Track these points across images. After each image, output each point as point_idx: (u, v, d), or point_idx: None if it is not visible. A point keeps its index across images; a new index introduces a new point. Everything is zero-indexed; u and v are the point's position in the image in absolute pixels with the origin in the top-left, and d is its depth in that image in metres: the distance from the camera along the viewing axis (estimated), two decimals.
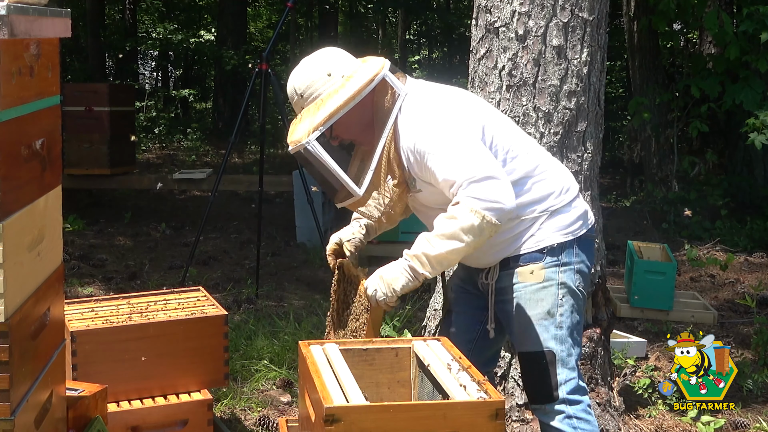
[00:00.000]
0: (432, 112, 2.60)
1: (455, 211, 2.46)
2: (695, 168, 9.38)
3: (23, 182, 2.00)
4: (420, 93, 2.68)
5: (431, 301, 4.14)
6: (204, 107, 19.87)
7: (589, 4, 3.58)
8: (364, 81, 2.60)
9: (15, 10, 1.84)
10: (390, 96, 2.63)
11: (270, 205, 9.40)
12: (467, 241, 2.45)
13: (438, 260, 2.50)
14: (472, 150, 2.52)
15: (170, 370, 3.33)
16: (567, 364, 2.69)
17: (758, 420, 4.01)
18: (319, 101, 2.62)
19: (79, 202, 8.81)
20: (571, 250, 2.68)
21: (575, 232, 2.70)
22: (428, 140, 2.54)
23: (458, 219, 2.44)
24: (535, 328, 2.68)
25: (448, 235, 2.46)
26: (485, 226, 2.44)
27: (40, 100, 2.10)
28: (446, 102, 2.66)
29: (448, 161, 2.49)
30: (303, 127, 2.61)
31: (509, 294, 2.71)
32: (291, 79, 2.69)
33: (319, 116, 2.59)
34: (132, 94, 9.40)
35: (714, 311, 5.64)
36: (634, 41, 9.38)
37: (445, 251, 2.47)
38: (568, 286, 2.69)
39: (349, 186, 2.64)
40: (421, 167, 2.57)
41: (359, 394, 2.15)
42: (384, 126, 2.62)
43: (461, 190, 2.46)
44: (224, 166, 5.76)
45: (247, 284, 6.13)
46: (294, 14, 16.80)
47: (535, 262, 2.67)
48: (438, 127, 2.55)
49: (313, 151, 2.59)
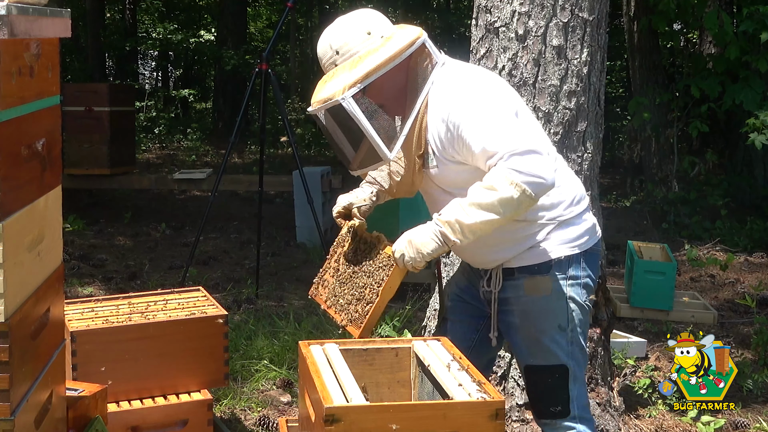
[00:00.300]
0: (469, 83, 2.52)
1: (494, 182, 2.37)
2: (695, 168, 9.38)
3: (23, 182, 2.00)
4: (455, 65, 2.62)
5: (431, 301, 4.14)
6: (204, 107, 19.88)
7: (589, 4, 3.58)
8: (404, 43, 2.52)
9: (15, 10, 1.84)
10: (428, 62, 2.56)
11: (270, 205, 9.40)
12: (503, 213, 2.38)
13: (471, 229, 2.41)
14: (513, 122, 2.43)
15: (170, 370, 3.33)
16: (577, 380, 2.64)
17: (758, 420, 4.01)
18: (357, 58, 2.52)
19: (79, 202, 8.81)
20: (578, 264, 2.62)
21: (582, 245, 2.63)
22: (465, 110, 2.44)
23: (498, 191, 2.36)
24: (546, 342, 2.61)
25: (484, 205, 2.38)
26: (523, 200, 2.36)
27: (40, 100, 2.10)
28: (482, 76, 2.59)
29: (488, 132, 2.40)
30: (337, 83, 2.51)
31: (513, 305, 2.64)
32: (326, 36, 2.59)
33: (356, 73, 2.48)
34: (132, 94, 9.41)
35: (714, 311, 5.64)
36: (634, 41, 9.39)
37: (479, 221, 2.39)
38: (577, 300, 2.63)
39: (381, 147, 2.52)
40: (452, 140, 2.48)
41: (359, 394, 2.15)
42: (419, 92, 2.54)
43: (501, 161, 2.37)
44: (224, 166, 5.76)
45: (247, 284, 6.13)
46: (294, 14, 16.82)
47: (543, 274, 2.59)
48: (476, 97, 2.47)
49: (348, 107, 2.47)
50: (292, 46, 18.61)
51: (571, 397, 2.62)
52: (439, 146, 2.52)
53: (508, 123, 2.42)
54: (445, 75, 2.57)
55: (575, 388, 2.63)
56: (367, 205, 2.83)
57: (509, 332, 2.69)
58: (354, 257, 2.77)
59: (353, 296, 2.68)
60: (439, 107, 2.50)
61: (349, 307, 2.67)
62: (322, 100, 2.54)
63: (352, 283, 2.71)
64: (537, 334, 2.61)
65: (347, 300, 2.70)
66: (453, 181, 2.55)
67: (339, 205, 2.85)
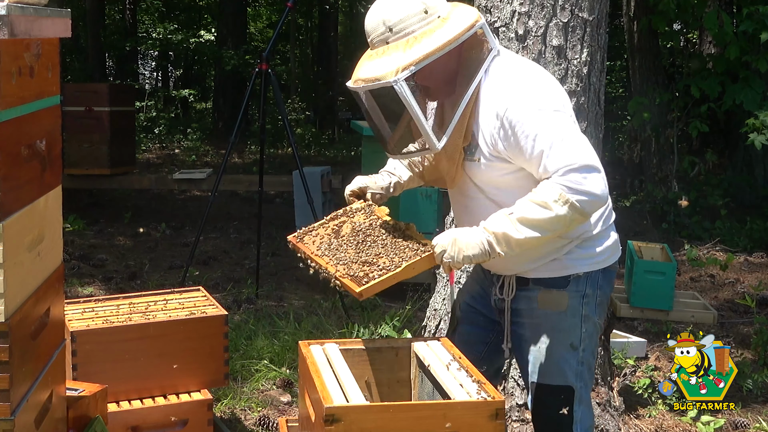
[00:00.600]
0: (530, 81, 2.39)
1: (548, 199, 2.27)
2: (695, 168, 9.38)
3: (23, 182, 2.00)
4: (511, 56, 2.50)
5: (431, 301, 4.14)
6: (204, 107, 19.89)
7: (589, 4, 3.58)
8: (464, 26, 2.37)
9: (15, 10, 1.84)
10: (483, 48, 2.42)
11: (270, 205, 9.40)
12: (552, 231, 2.31)
13: (519, 244, 2.32)
14: (572, 132, 2.33)
15: (170, 370, 3.33)
16: (583, 401, 2.55)
17: (758, 420, 4.01)
18: (412, 39, 2.36)
19: (79, 202, 8.81)
20: (595, 282, 2.53)
21: (602, 263, 2.53)
22: (525, 110, 2.32)
23: (551, 209, 2.27)
24: (557, 360, 2.51)
25: (535, 222, 2.29)
26: (575, 218, 2.29)
27: (40, 100, 2.10)
28: (541, 75, 2.46)
29: (546, 139, 2.29)
30: (389, 63, 2.35)
31: (525, 318, 2.55)
32: (378, 9, 2.42)
33: (411, 55, 2.33)
34: (132, 94, 9.41)
35: (714, 311, 5.64)
36: (634, 41, 9.38)
37: (528, 237, 2.31)
38: (591, 319, 2.53)
39: (431, 138, 2.39)
40: (505, 137, 2.36)
41: (359, 394, 2.15)
42: (471, 80, 2.40)
43: (557, 175, 2.28)
44: (224, 166, 5.76)
45: (247, 284, 6.13)
46: (294, 14, 16.82)
47: (559, 289, 2.50)
48: (537, 99, 2.35)
49: (400, 91, 2.32)
50: (292, 46, 18.61)
51: (575, 419, 2.54)
52: (488, 141, 2.40)
53: (567, 132, 2.32)
54: (501, 66, 2.43)
55: (580, 410, 2.54)
56: (381, 194, 2.72)
57: (519, 345, 2.60)
58: (369, 229, 2.61)
59: (360, 258, 2.50)
60: (495, 101, 2.38)
61: (352, 264, 2.48)
62: (370, 78, 2.38)
63: (361, 247, 2.54)
64: (547, 351, 2.52)
65: (350, 258, 2.51)
66: (491, 179, 2.45)
67: (355, 184, 2.74)
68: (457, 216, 2.69)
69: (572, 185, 2.27)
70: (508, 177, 2.43)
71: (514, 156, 2.37)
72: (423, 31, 2.37)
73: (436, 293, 4.08)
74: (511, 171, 2.42)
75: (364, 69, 2.42)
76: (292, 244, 2.71)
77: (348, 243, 2.57)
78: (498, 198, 2.46)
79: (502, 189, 2.44)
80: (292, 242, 2.72)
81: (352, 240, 2.58)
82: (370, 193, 2.71)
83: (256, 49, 16.82)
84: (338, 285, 2.48)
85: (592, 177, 2.28)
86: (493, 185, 2.45)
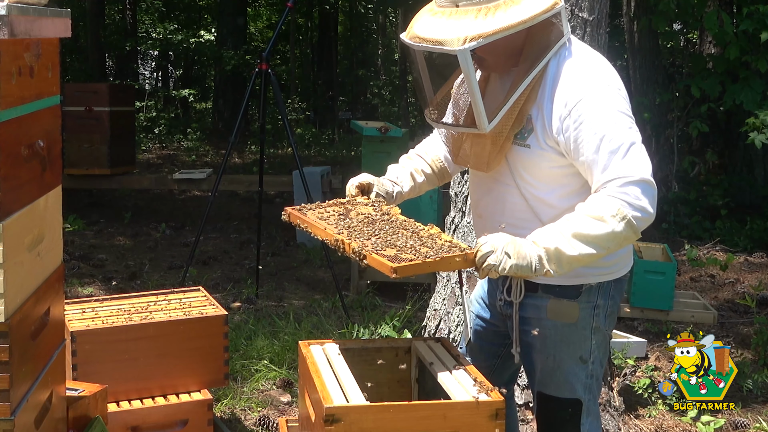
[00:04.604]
0: (606, 78, 2.26)
1: (605, 213, 2.13)
2: (695, 168, 9.38)
3: (23, 182, 2.00)
4: (583, 47, 2.36)
5: (431, 301, 4.14)
6: (204, 107, 19.89)
7: (589, 4, 3.58)
8: (543, 7, 2.23)
9: (15, 10, 1.84)
10: (554, 32, 2.28)
11: (270, 205, 9.40)
12: (607, 247, 2.16)
13: (569, 262, 2.16)
14: (636, 141, 2.21)
15: (170, 370, 3.33)
16: (590, 413, 2.46)
17: (758, 420, 4.01)
18: (485, 8, 2.19)
19: (79, 202, 8.82)
20: (607, 292, 2.41)
21: (615, 273, 2.42)
22: (600, 106, 2.19)
23: (608, 223, 2.13)
24: (564, 373, 2.41)
25: (591, 238, 2.14)
26: (629, 235, 2.16)
27: (40, 100, 2.10)
28: (615, 75, 2.31)
29: (615, 142, 2.16)
30: (456, 29, 2.18)
31: (534, 326, 2.42)
32: None
33: (482, 26, 2.16)
34: (132, 94, 9.41)
35: (714, 311, 5.64)
36: (634, 41, 9.38)
37: (582, 254, 2.15)
38: (601, 331, 2.43)
39: (482, 117, 2.25)
40: (567, 129, 2.22)
41: (359, 394, 2.15)
42: (535, 63, 2.25)
43: (615, 186, 2.15)
44: (224, 166, 5.76)
45: (247, 284, 6.13)
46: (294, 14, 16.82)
47: (570, 299, 2.37)
48: (613, 97, 2.22)
49: (462, 62, 2.17)
50: (292, 46, 18.60)
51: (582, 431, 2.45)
52: (548, 128, 2.26)
53: (632, 141, 2.20)
54: (575, 54, 2.30)
55: (587, 422, 2.45)
56: (384, 198, 2.55)
57: (527, 352, 2.48)
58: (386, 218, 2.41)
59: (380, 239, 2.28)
60: (566, 89, 2.23)
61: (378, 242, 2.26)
62: (431, 40, 2.21)
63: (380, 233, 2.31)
64: (555, 363, 2.42)
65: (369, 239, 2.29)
66: (537, 170, 2.31)
67: (362, 179, 2.57)
68: (475, 199, 2.55)
69: (631, 200, 2.14)
70: (556, 171, 2.30)
71: (572, 150, 2.23)
72: (498, 2, 2.21)
73: (436, 293, 4.08)
74: (561, 165, 2.29)
75: (427, 27, 2.24)
76: (289, 215, 2.51)
77: (363, 224, 2.37)
78: (531, 192, 2.33)
79: (542, 183, 2.31)
80: (290, 212, 2.51)
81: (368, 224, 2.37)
82: (376, 191, 2.55)
83: (256, 49, 16.83)
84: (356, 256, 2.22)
85: (648, 194, 2.16)
86: (534, 177, 2.31)
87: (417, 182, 2.63)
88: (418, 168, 2.65)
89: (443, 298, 3.99)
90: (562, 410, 2.44)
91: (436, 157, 2.67)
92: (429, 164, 2.67)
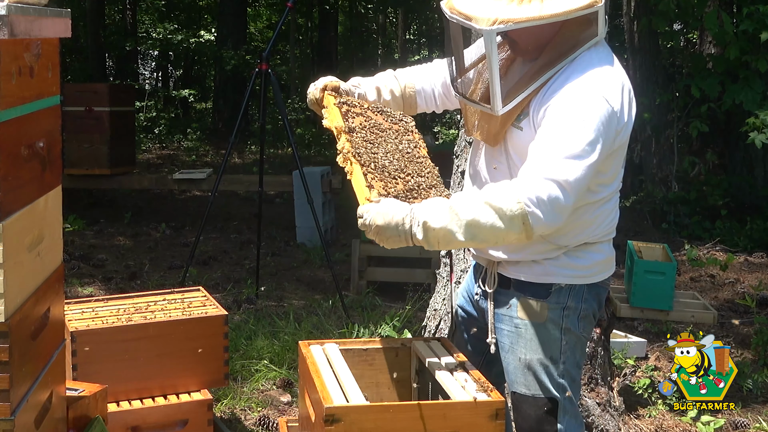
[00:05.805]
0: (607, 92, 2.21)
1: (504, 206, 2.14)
2: (695, 168, 9.38)
3: (23, 182, 2.00)
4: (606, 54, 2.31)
5: (431, 301, 4.14)
6: (204, 107, 19.88)
7: None
8: (584, 2, 2.20)
9: (15, 10, 1.84)
10: (588, 31, 2.25)
11: (270, 205, 9.40)
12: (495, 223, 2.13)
13: (436, 236, 2.16)
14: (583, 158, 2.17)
15: (170, 370, 3.33)
16: (568, 411, 2.44)
17: (758, 420, 4.01)
18: None
19: (79, 202, 8.82)
20: (580, 296, 2.39)
21: (587, 278, 2.40)
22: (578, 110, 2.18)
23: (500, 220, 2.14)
24: (535, 372, 2.40)
25: (473, 224, 2.15)
26: (517, 223, 2.13)
27: (40, 100, 2.10)
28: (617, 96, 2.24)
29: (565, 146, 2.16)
30: (489, 8, 2.19)
31: (505, 324, 2.43)
32: None
33: (516, 11, 2.17)
34: (132, 94, 9.41)
35: (714, 311, 5.64)
36: (634, 41, 9.38)
37: (445, 229, 2.15)
38: (573, 333, 2.41)
39: (497, 99, 2.25)
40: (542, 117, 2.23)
41: (359, 394, 2.15)
42: (561, 58, 2.24)
43: (535, 174, 2.15)
44: (224, 166, 5.76)
45: (247, 284, 6.13)
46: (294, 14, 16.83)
47: (538, 298, 2.37)
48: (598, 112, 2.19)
49: (486, 41, 2.19)
50: (292, 46, 18.61)
51: (559, 429, 2.42)
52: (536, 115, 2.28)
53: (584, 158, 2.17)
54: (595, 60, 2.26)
55: (565, 421, 2.43)
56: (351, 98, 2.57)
57: (500, 350, 2.48)
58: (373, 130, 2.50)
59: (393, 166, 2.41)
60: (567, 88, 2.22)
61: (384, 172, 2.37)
62: (463, 14, 2.22)
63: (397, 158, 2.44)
64: (526, 361, 2.41)
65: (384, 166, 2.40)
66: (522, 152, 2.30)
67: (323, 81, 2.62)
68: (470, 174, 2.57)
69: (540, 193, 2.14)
70: None
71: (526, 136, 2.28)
72: None
73: (436, 293, 4.08)
74: None
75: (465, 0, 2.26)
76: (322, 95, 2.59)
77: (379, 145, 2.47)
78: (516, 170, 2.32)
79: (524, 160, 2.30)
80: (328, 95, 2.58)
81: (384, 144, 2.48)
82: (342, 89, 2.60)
83: (256, 49, 16.83)
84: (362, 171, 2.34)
85: (559, 200, 2.14)
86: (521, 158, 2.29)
87: (382, 97, 2.65)
88: (387, 85, 2.65)
89: (443, 298, 3.99)
90: (537, 408, 2.42)
91: (410, 84, 2.69)
92: (400, 87, 2.68)
